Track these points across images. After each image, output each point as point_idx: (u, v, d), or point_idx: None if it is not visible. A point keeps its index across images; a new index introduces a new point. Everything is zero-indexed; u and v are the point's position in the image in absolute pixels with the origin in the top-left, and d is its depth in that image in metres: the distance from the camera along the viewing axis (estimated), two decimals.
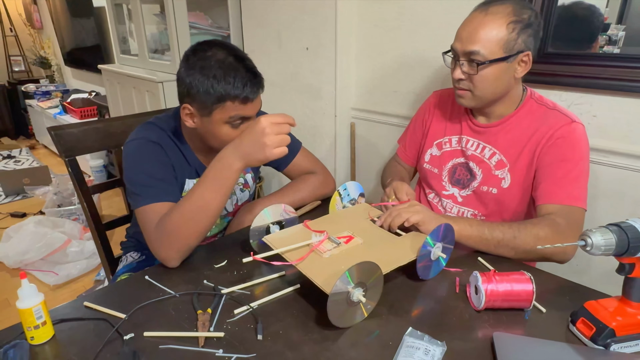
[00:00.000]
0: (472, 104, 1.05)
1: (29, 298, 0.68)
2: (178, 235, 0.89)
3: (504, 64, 0.97)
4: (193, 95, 0.94)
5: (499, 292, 0.74)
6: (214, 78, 0.91)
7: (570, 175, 0.97)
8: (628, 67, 1.17)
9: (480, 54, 0.95)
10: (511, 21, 0.94)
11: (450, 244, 0.88)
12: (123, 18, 2.91)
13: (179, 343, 0.70)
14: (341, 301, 0.70)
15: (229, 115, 0.95)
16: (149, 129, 1.04)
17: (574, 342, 0.70)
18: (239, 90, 0.92)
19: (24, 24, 5.08)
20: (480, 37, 0.95)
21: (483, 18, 0.95)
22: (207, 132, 0.99)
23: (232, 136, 0.95)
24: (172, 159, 1.04)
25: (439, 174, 1.19)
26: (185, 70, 0.94)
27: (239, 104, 0.94)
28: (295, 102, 2.02)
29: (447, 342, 0.69)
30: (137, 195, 0.96)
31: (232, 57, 0.94)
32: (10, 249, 2.22)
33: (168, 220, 0.89)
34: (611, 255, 0.64)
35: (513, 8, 0.95)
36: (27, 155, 4.36)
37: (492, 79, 0.98)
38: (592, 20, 1.24)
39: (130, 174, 0.98)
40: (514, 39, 0.95)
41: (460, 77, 1.01)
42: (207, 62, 0.92)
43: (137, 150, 1.00)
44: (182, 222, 0.89)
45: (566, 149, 0.99)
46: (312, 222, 0.96)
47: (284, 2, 1.88)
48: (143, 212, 0.94)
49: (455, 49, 1.00)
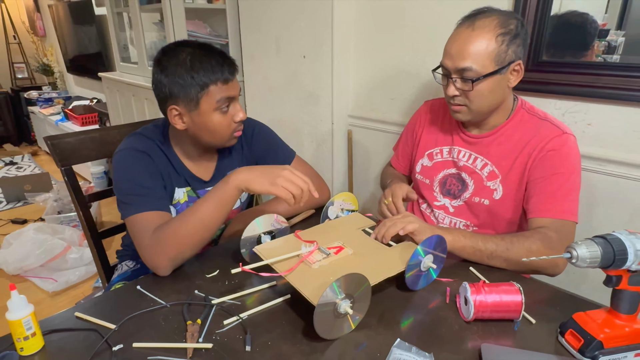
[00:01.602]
0: (468, 117, 1.05)
1: (19, 309, 0.69)
2: (172, 246, 0.89)
3: (498, 77, 0.96)
4: (176, 93, 0.97)
5: (487, 303, 0.74)
6: (192, 69, 0.95)
7: (561, 189, 0.97)
8: (623, 76, 1.17)
9: (473, 70, 0.95)
10: (499, 33, 0.93)
11: (442, 254, 0.88)
12: (124, 26, 2.94)
13: (167, 354, 0.70)
14: (328, 313, 0.70)
15: (216, 100, 0.98)
16: (137, 139, 1.05)
17: (562, 353, 0.70)
18: (219, 73, 0.97)
19: (27, 32, 5.14)
20: (470, 53, 0.94)
21: (471, 33, 0.95)
22: (199, 127, 1.01)
23: (224, 123, 1.01)
24: (161, 168, 1.05)
25: (430, 184, 1.19)
26: (161, 72, 0.97)
27: (222, 85, 0.97)
28: (294, 108, 2.03)
29: (436, 354, 0.69)
30: (127, 205, 0.96)
31: (199, 48, 0.99)
32: (10, 255, 2.23)
33: (163, 230, 0.90)
34: (597, 268, 0.64)
35: (499, 20, 0.94)
36: (29, 161, 4.39)
37: (487, 93, 0.98)
38: (585, 27, 1.24)
39: (119, 183, 0.99)
40: (505, 51, 0.94)
41: (455, 93, 1.00)
42: (180, 59, 0.96)
43: (125, 160, 1.01)
44: (178, 234, 0.89)
45: (557, 162, 0.99)
46: (303, 232, 0.96)
47: (281, 9, 1.90)
48: (133, 221, 0.95)
49: (446, 66, 1.00)
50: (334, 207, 1.07)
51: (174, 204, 1.09)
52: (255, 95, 2.22)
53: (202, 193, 1.13)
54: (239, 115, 1.03)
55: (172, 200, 1.08)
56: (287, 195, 0.87)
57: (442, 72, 1.03)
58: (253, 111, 2.23)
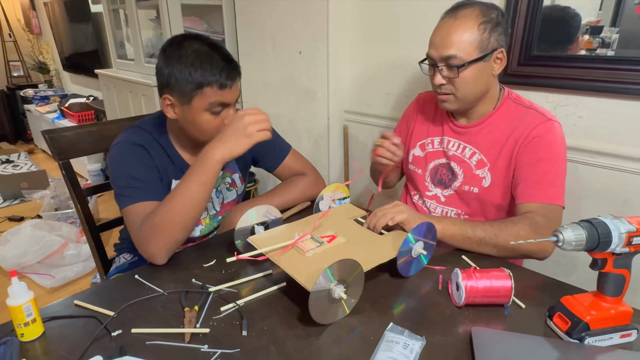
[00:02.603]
0: (455, 106, 1.07)
1: (19, 296, 0.70)
2: (164, 230, 0.91)
3: (482, 64, 1.00)
4: (172, 85, 0.97)
5: (478, 289, 0.76)
6: (191, 66, 0.95)
7: (548, 175, 1.00)
8: (613, 69, 1.19)
9: (458, 57, 0.98)
10: (481, 22, 0.97)
11: (432, 241, 0.90)
12: (120, 23, 2.94)
13: (165, 339, 0.72)
14: (323, 298, 0.72)
15: (209, 102, 0.97)
16: (133, 132, 1.07)
17: (550, 336, 0.72)
18: (216, 77, 0.95)
19: (23, 30, 5.11)
20: (454, 41, 0.98)
21: (453, 22, 0.98)
22: (188, 121, 1.01)
23: (212, 124, 1.00)
24: (157, 161, 1.06)
25: (422, 174, 1.22)
26: (164, 61, 0.98)
27: (217, 90, 0.97)
28: (290, 104, 2.04)
29: (427, 337, 0.71)
30: (123, 197, 0.98)
31: (207, 46, 0.98)
32: (7, 252, 2.23)
33: (154, 216, 0.92)
34: (583, 250, 0.66)
35: (480, 10, 0.98)
36: (26, 159, 4.38)
37: (472, 80, 1.01)
38: (568, 21, 1.26)
39: (115, 176, 1.01)
40: (487, 39, 0.98)
41: (442, 82, 1.03)
42: (184, 52, 0.96)
43: (121, 153, 1.03)
44: (168, 216, 0.92)
45: (543, 148, 1.01)
46: (297, 222, 0.98)
47: (277, 6, 1.91)
48: (129, 212, 0.97)
49: (432, 56, 1.03)
50: (325, 200, 1.08)
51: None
52: (252, 92, 2.24)
53: None
54: None
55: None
56: (267, 135, 0.95)
57: (428, 62, 1.06)
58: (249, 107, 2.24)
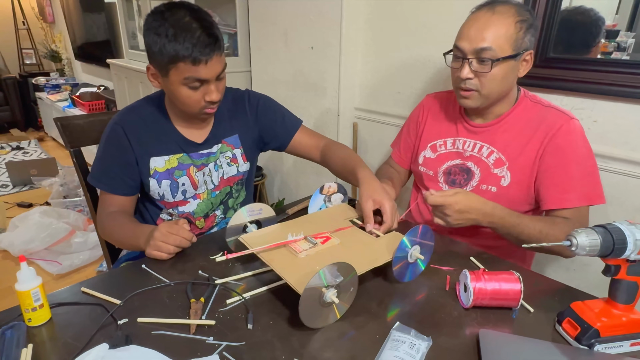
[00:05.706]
0: (477, 104, 1.05)
1: (28, 281, 0.70)
2: (108, 238, 1.12)
3: (512, 62, 0.99)
4: (151, 55, 0.97)
5: (487, 291, 0.75)
6: (165, 37, 0.91)
7: (578, 175, 1.00)
8: (630, 73, 1.17)
9: (493, 50, 0.97)
10: (518, 20, 0.96)
11: (429, 241, 0.87)
12: (133, 14, 2.94)
13: (170, 329, 0.72)
14: (314, 301, 0.70)
15: (184, 77, 0.95)
16: (129, 110, 1.11)
17: (559, 341, 0.71)
18: (189, 51, 0.91)
19: (37, 18, 5.15)
20: (490, 34, 0.96)
21: (491, 16, 0.97)
22: (170, 93, 1.03)
23: (193, 98, 0.99)
24: (146, 138, 1.08)
25: (434, 176, 1.20)
26: (145, 30, 0.96)
27: (190, 65, 0.93)
28: (300, 100, 2.03)
29: (434, 338, 0.70)
30: (94, 179, 1.10)
31: (189, 17, 0.93)
32: (15, 237, 2.26)
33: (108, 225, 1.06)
34: (596, 256, 0.65)
35: (516, 8, 0.98)
36: (36, 147, 4.42)
37: (501, 77, 1.00)
38: (590, 24, 1.24)
39: (97, 157, 1.09)
40: (522, 38, 0.97)
41: (469, 76, 1.01)
42: (163, 22, 0.92)
43: (108, 136, 1.08)
44: (111, 236, 1.08)
45: (570, 150, 1.01)
46: (290, 222, 0.96)
47: (291, 1, 1.90)
48: (100, 195, 1.12)
49: (462, 48, 1.00)
50: (319, 198, 1.06)
51: (151, 175, 1.09)
52: (262, 86, 2.23)
53: (196, 157, 1.12)
54: (211, 96, 0.99)
55: (149, 171, 1.08)
56: (159, 256, 0.92)
57: (455, 55, 1.04)
58: None
